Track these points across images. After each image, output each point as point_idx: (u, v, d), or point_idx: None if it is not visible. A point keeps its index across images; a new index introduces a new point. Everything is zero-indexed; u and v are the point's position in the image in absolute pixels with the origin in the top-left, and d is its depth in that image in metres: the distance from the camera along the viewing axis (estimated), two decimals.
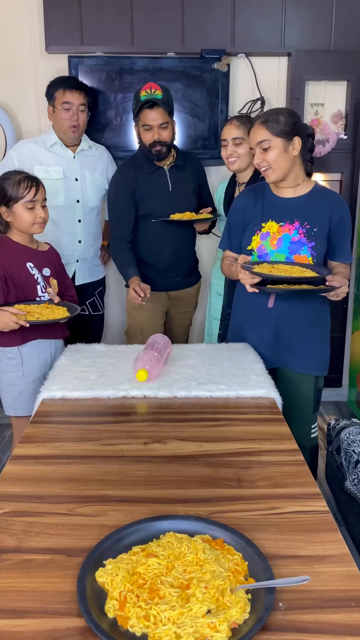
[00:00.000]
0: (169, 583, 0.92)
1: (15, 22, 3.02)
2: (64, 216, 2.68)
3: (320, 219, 1.94)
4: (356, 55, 2.99)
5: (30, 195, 2.04)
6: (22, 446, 1.42)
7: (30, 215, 2.05)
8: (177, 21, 2.93)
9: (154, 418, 1.57)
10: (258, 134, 1.90)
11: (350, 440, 2.26)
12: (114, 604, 0.89)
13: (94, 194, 2.75)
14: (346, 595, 0.93)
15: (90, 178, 2.73)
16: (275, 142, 1.88)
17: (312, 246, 1.94)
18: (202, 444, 1.42)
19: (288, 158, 1.90)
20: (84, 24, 2.91)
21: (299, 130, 1.91)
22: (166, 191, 2.56)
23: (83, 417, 1.57)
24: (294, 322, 2.01)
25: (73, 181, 2.69)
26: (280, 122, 1.88)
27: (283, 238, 1.96)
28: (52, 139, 2.70)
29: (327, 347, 2.10)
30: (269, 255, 1.98)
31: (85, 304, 2.84)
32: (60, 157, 2.69)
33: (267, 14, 2.95)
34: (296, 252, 1.95)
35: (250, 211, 2.04)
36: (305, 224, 1.95)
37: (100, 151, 2.85)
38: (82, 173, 2.72)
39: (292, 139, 1.89)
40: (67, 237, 2.69)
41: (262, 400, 1.67)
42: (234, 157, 2.35)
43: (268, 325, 2.03)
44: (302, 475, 1.28)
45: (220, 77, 2.97)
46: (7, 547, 1.04)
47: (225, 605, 0.88)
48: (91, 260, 2.84)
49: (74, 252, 2.73)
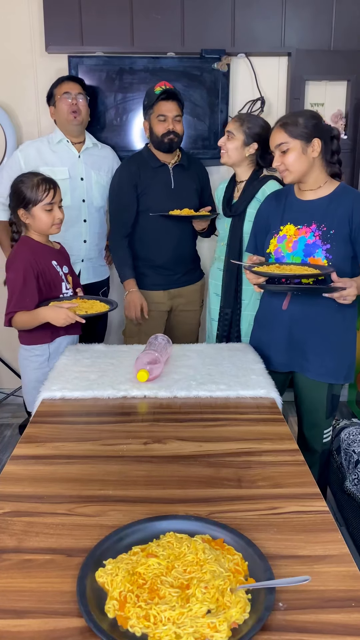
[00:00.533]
0: (169, 583, 0.92)
1: (15, 22, 3.02)
2: (69, 216, 2.64)
3: (339, 221, 1.87)
4: (356, 55, 2.99)
5: (48, 197, 2.06)
6: (22, 446, 1.42)
7: (49, 217, 2.08)
8: (177, 21, 2.93)
9: (154, 418, 1.57)
10: (276, 137, 1.90)
11: (350, 440, 2.26)
12: (114, 604, 0.89)
13: (99, 193, 2.75)
14: (346, 595, 0.93)
15: (95, 177, 2.74)
16: (293, 145, 1.87)
17: (327, 249, 1.88)
18: (202, 444, 1.42)
19: (306, 160, 1.88)
20: (84, 24, 2.91)
21: (320, 132, 1.88)
22: (168, 188, 2.58)
23: (83, 417, 1.57)
24: (307, 325, 1.95)
25: (78, 181, 2.70)
26: (299, 124, 1.86)
27: (299, 241, 1.93)
28: (57, 136, 2.71)
29: (346, 354, 1.99)
30: (285, 258, 1.95)
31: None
32: (65, 156, 2.70)
33: (267, 14, 2.95)
34: (311, 254, 1.90)
35: (272, 215, 2.04)
36: (322, 227, 1.89)
37: (106, 151, 2.85)
38: (88, 172, 2.72)
39: (311, 141, 1.86)
40: (73, 237, 2.69)
41: (262, 400, 1.67)
42: (223, 149, 2.33)
43: (282, 327, 2.00)
44: (302, 475, 1.28)
45: (220, 77, 2.97)
46: (7, 547, 1.04)
47: (225, 605, 0.88)
48: (96, 260, 2.85)
49: (80, 252, 2.74)
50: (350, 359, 2.02)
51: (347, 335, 1.99)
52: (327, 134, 1.91)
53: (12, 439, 3.13)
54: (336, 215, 1.88)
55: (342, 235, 1.87)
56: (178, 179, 2.59)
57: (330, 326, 1.94)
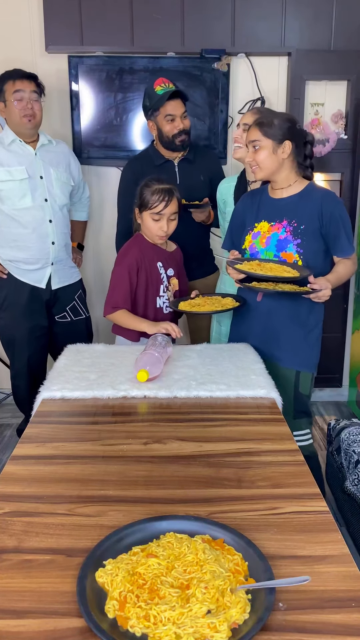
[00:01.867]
0: (169, 583, 0.92)
1: (15, 22, 3.02)
2: (33, 217, 2.57)
3: (309, 217, 1.97)
4: (356, 55, 2.99)
5: (158, 208, 2.13)
6: (22, 446, 1.42)
7: (155, 226, 2.17)
8: (177, 21, 2.93)
9: (154, 418, 1.57)
10: (251, 133, 2.00)
11: (350, 440, 2.26)
12: (114, 604, 0.89)
13: (61, 191, 2.64)
14: (346, 596, 0.93)
15: (55, 175, 2.62)
16: (264, 143, 1.96)
17: (298, 243, 1.98)
18: (202, 444, 1.42)
19: (276, 160, 1.97)
20: (84, 23, 2.91)
21: (293, 135, 1.96)
22: (174, 184, 2.58)
23: (83, 417, 1.57)
24: (281, 317, 2.05)
25: (38, 179, 2.57)
26: (273, 125, 1.95)
27: (271, 237, 2.03)
28: (8, 136, 2.56)
29: (312, 346, 2.10)
30: (259, 253, 2.05)
31: (65, 310, 2.77)
32: (21, 155, 2.56)
33: (267, 14, 2.95)
34: (283, 249, 2.00)
35: (247, 213, 2.13)
36: (293, 222, 1.99)
37: (61, 146, 2.74)
38: (47, 170, 2.60)
39: (282, 143, 1.95)
40: (39, 239, 2.59)
41: (262, 400, 1.67)
42: (238, 142, 2.29)
43: (257, 319, 2.10)
44: (302, 475, 1.28)
45: (220, 77, 2.97)
46: (7, 547, 1.04)
47: (225, 605, 0.88)
48: (65, 262, 2.74)
49: (48, 255, 2.63)
50: (315, 351, 2.12)
51: (315, 327, 2.09)
52: (301, 138, 2.00)
53: (12, 439, 3.13)
54: (306, 212, 1.98)
55: (312, 231, 1.97)
56: (184, 173, 2.58)
57: (301, 318, 2.05)
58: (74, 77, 2.96)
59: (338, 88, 3.10)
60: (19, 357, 2.77)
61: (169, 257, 2.29)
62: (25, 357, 2.76)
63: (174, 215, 2.17)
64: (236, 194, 2.37)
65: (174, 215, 2.17)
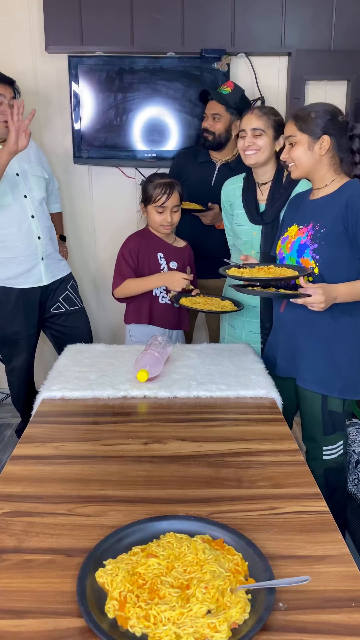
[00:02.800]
0: (169, 583, 0.92)
1: (15, 22, 3.02)
2: (16, 215, 2.56)
3: (333, 220, 1.78)
4: (356, 55, 2.99)
5: (161, 201, 2.25)
6: (22, 446, 1.42)
7: (159, 218, 2.29)
8: (177, 21, 2.93)
9: (154, 418, 1.57)
10: (287, 128, 1.86)
11: (350, 440, 2.26)
12: (114, 604, 0.89)
13: (37, 186, 2.64)
14: (346, 595, 0.93)
15: (30, 170, 2.62)
16: (300, 138, 1.81)
17: (315, 249, 1.81)
18: (202, 444, 1.42)
19: (312, 156, 1.81)
20: (84, 24, 2.91)
21: (333, 129, 1.79)
22: (208, 185, 2.64)
23: (83, 417, 1.57)
24: (300, 330, 1.88)
25: (14, 177, 2.56)
26: (310, 118, 1.79)
27: (295, 241, 1.88)
28: None
29: (341, 365, 1.85)
30: (286, 259, 1.92)
31: (59, 300, 2.76)
32: None
33: (267, 14, 2.95)
34: (301, 255, 1.85)
35: (287, 217, 2.00)
36: (316, 226, 1.82)
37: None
38: (21, 167, 2.59)
39: (319, 138, 1.79)
40: (25, 236, 2.59)
41: (262, 400, 1.67)
42: (251, 149, 2.16)
43: (281, 331, 1.97)
44: (302, 475, 1.28)
45: (220, 77, 2.97)
46: (7, 547, 1.04)
47: (225, 605, 0.88)
48: (54, 255, 2.73)
49: (37, 251, 2.62)
50: (348, 373, 1.87)
51: (343, 345, 1.85)
52: (344, 131, 1.81)
53: (12, 439, 3.14)
54: (331, 214, 1.80)
55: (334, 235, 1.78)
56: (221, 177, 2.60)
57: (323, 332, 1.85)
58: (74, 77, 2.96)
59: (338, 88, 3.10)
60: (14, 356, 2.77)
61: (173, 251, 2.36)
62: (21, 355, 2.76)
63: (176, 207, 2.30)
64: (244, 196, 2.29)
65: (177, 207, 2.30)
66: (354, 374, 1.88)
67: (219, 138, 2.67)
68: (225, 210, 2.44)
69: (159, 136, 3.04)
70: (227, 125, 2.66)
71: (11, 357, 2.80)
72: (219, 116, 2.65)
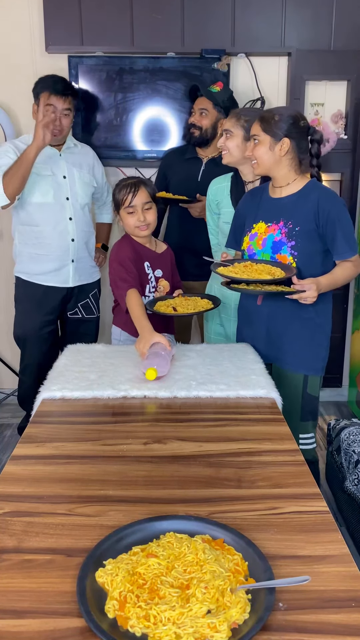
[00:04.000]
0: (169, 583, 0.92)
1: (15, 21, 3.02)
2: (54, 214, 2.65)
3: (305, 217, 1.91)
4: (356, 55, 2.99)
5: (127, 201, 2.13)
6: (22, 446, 1.42)
7: (132, 219, 2.15)
8: (177, 21, 2.93)
9: (154, 418, 1.57)
10: (253, 127, 1.98)
11: (350, 440, 2.26)
12: (114, 604, 0.89)
13: (82, 191, 2.72)
14: (346, 595, 0.93)
15: (78, 175, 2.71)
16: (263, 138, 1.93)
17: (292, 245, 1.93)
18: (202, 444, 1.42)
19: (273, 157, 1.93)
20: (84, 23, 2.91)
21: (294, 132, 1.91)
22: (193, 180, 2.66)
23: (83, 417, 1.57)
24: (283, 319, 2.02)
25: (61, 178, 2.66)
26: (273, 121, 1.91)
27: (267, 238, 1.99)
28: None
29: (319, 347, 2.05)
30: (257, 255, 2.02)
31: (77, 306, 2.82)
32: (46, 155, 2.61)
33: (267, 14, 2.95)
34: (277, 251, 1.96)
35: (248, 213, 2.10)
36: (289, 224, 1.94)
37: (85, 149, 2.83)
38: (70, 171, 2.69)
39: (280, 140, 1.91)
40: (59, 236, 2.67)
41: (262, 400, 1.67)
42: (224, 150, 2.27)
43: (260, 322, 2.08)
44: (302, 475, 1.28)
45: (220, 77, 2.97)
46: (7, 547, 1.04)
47: (225, 605, 0.88)
48: (86, 260, 2.80)
49: (68, 252, 2.70)
50: (323, 353, 2.07)
51: (320, 327, 2.04)
52: (304, 136, 1.95)
53: (12, 439, 3.14)
54: (302, 212, 1.92)
55: (308, 232, 1.91)
56: (207, 172, 2.63)
57: (304, 319, 2.01)
58: (74, 77, 2.96)
59: (338, 88, 3.10)
60: (29, 352, 2.82)
61: (157, 258, 2.27)
62: (36, 352, 2.80)
63: (147, 205, 2.15)
64: (233, 194, 2.34)
65: (148, 205, 2.16)
66: (326, 354, 2.09)
67: (205, 133, 2.69)
68: (211, 209, 2.45)
69: (159, 136, 3.04)
70: (214, 122, 2.68)
71: (26, 354, 2.85)
72: (207, 111, 2.67)
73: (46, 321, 2.77)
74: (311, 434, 2.11)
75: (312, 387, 2.06)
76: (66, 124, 2.63)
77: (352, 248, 1.92)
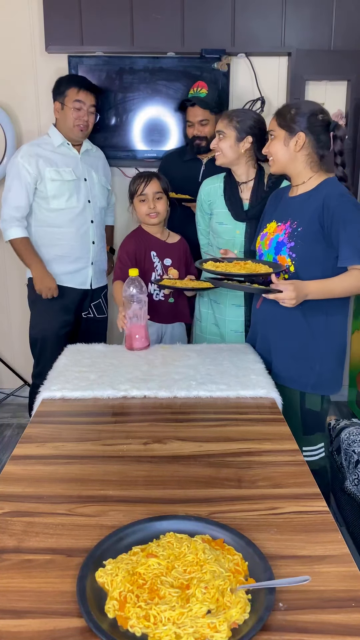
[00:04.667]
0: (169, 583, 0.92)
1: (15, 22, 3.02)
2: (77, 217, 2.69)
3: (309, 218, 1.80)
4: (356, 55, 2.99)
5: (139, 189, 2.31)
6: (22, 446, 1.42)
7: (143, 207, 2.33)
8: (177, 21, 2.93)
9: (154, 418, 1.57)
10: (270, 123, 1.91)
11: (350, 440, 2.26)
12: (114, 604, 0.89)
13: (101, 194, 2.79)
14: (346, 595, 0.93)
15: (96, 178, 2.77)
16: (278, 133, 1.86)
17: (291, 247, 1.84)
18: (202, 444, 1.42)
19: (287, 152, 1.85)
20: (84, 23, 2.91)
21: (311, 127, 1.81)
22: (195, 181, 2.65)
23: (83, 417, 1.57)
24: (273, 327, 1.94)
25: (82, 181, 2.71)
26: (289, 115, 1.82)
27: (274, 238, 1.92)
28: (57, 139, 2.68)
29: (314, 362, 1.90)
30: (263, 255, 1.97)
31: (90, 306, 2.85)
32: (67, 157, 2.68)
33: (267, 14, 2.95)
34: (279, 252, 1.89)
35: (267, 213, 2.06)
36: (294, 224, 1.85)
37: (99, 152, 2.90)
38: (89, 173, 2.74)
39: (295, 134, 1.82)
40: (81, 238, 2.71)
41: (262, 400, 1.67)
42: (217, 151, 2.23)
43: (256, 327, 2.06)
44: (302, 475, 1.28)
45: (220, 77, 2.97)
46: (7, 547, 1.04)
47: (225, 605, 0.88)
48: (103, 263, 2.86)
49: (89, 254, 2.74)
50: (321, 369, 1.91)
51: (315, 342, 1.89)
52: (322, 130, 1.82)
53: (12, 439, 3.14)
54: (308, 212, 1.82)
55: (310, 234, 1.80)
56: (208, 173, 2.62)
57: (295, 330, 1.89)
58: None
59: (338, 88, 3.10)
60: (47, 355, 2.75)
61: (166, 248, 2.39)
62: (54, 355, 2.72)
63: (159, 194, 2.33)
64: (227, 194, 2.31)
65: (159, 194, 2.33)
66: (326, 370, 1.92)
67: (211, 140, 2.62)
68: (203, 209, 2.42)
69: (159, 136, 3.04)
70: (214, 126, 2.65)
71: (42, 358, 2.79)
72: (206, 121, 2.65)
73: (64, 321, 2.77)
74: (317, 445, 1.99)
75: (311, 402, 1.93)
76: (91, 122, 2.68)
77: (355, 255, 1.73)
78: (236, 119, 2.19)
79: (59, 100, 2.64)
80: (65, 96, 2.62)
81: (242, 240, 2.26)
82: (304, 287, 1.73)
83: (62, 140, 2.68)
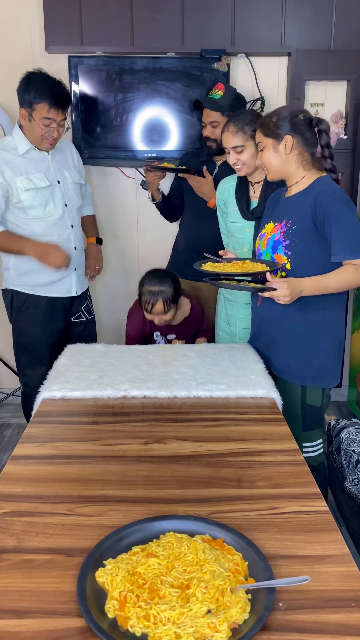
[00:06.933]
0: (169, 583, 0.92)
1: (15, 22, 3.02)
2: (57, 224, 2.53)
3: (303, 216, 1.84)
4: (356, 55, 2.99)
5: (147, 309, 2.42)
6: (22, 446, 1.42)
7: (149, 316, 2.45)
8: (177, 21, 2.93)
9: (154, 418, 1.57)
10: (256, 136, 1.95)
11: (350, 440, 2.26)
12: (114, 604, 0.89)
13: (76, 193, 2.62)
14: (346, 595, 0.93)
15: (69, 177, 2.59)
16: (266, 143, 1.89)
17: (287, 245, 1.86)
18: (202, 444, 1.42)
19: (279, 157, 1.88)
20: (84, 24, 2.91)
21: (295, 128, 1.85)
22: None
23: (83, 417, 1.58)
24: (273, 324, 1.97)
25: (56, 185, 2.52)
26: (272, 122, 1.87)
27: (270, 238, 1.95)
28: (23, 146, 2.45)
29: (312, 357, 1.94)
30: (262, 255, 2.00)
31: (80, 309, 2.75)
32: (37, 162, 2.48)
33: (267, 14, 2.95)
34: (275, 251, 1.92)
35: (266, 213, 2.08)
36: (289, 222, 1.88)
37: (64, 142, 2.65)
38: (62, 174, 2.55)
39: (282, 139, 1.86)
40: (64, 245, 2.53)
41: (262, 400, 1.67)
42: (238, 165, 2.24)
43: (255, 324, 2.08)
44: (302, 475, 1.28)
45: (220, 77, 2.97)
46: (7, 547, 1.04)
47: (225, 605, 0.88)
48: (83, 267, 2.72)
49: (72, 261, 2.58)
50: (319, 363, 1.95)
51: (313, 337, 1.93)
52: (307, 129, 1.86)
53: (12, 439, 3.14)
54: (302, 210, 1.85)
55: (304, 231, 1.83)
56: (221, 174, 2.63)
57: (292, 326, 1.93)
58: (74, 77, 2.95)
59: (338, 88, 3.10)
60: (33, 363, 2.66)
61: (171, 328, 2.48)
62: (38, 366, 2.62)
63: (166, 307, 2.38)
64: (237, 194, 2.35)
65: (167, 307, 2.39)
66: (325, 363, 1.97)
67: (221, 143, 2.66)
68: (220, 209, 2.46)
69: (159, 136, 3.04)
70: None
71: (28, 367, 2.69)
72: (217, 122, 2.63)
73: (52, 330, 2.65)
74: (316, 441, 2.04)
75: (312, 397, 1.97)
76: (61, 133, 2.49)
77: (351, 249, 1.76)
78: (247, 127, 2.19)
79: (25, 108, 2.41)
80: (33, 109, 2.38)
81: (252, 239, 2.28)
82: (298, 284, 1.77)
83: (28, 146, 2.46)
